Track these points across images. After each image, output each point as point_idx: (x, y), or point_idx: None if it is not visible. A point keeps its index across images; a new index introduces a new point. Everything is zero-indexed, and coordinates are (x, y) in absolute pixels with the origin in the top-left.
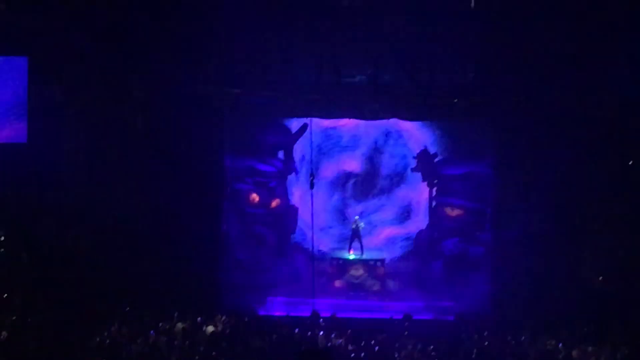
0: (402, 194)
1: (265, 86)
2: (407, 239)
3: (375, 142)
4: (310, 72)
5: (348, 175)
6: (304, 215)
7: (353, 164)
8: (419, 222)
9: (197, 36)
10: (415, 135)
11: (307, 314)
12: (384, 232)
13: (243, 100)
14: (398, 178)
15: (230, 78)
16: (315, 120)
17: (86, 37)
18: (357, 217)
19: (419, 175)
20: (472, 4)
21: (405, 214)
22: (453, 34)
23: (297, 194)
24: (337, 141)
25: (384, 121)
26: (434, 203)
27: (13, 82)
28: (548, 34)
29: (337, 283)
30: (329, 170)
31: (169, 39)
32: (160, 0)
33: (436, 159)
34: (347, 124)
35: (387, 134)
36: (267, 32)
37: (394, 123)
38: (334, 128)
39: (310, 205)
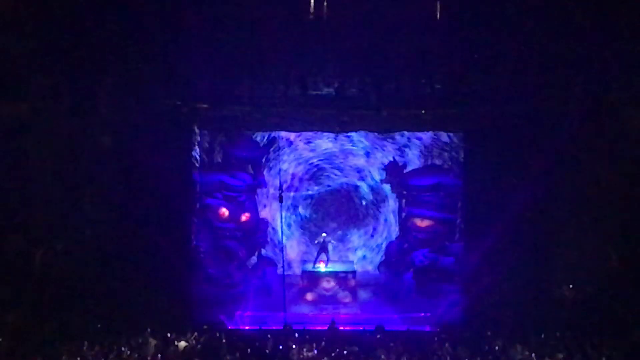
0: None
1: (233, 100)
2: None
3: None
4: (278, 85)
5: None
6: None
7: None
8: None
9: (164, 51)
10: None
11: (279, 327)
12: None
13: (211, 114)
14: None
15: (198, 93)
16: None
17: (51, 53)
18: (324, 234)
19: None
20: (438, 15)
21: None
22: (419, 45)
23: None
24: None
25: None
26: (403, 214)
27: None
28: (515, 44)
29: (309, 296)
30: None
31: (135, 54)
32: (126, 16)
33: (405, 170)
34: None
35: None
36: (234, 46)
37: None
38: None
39: (280, 219)
